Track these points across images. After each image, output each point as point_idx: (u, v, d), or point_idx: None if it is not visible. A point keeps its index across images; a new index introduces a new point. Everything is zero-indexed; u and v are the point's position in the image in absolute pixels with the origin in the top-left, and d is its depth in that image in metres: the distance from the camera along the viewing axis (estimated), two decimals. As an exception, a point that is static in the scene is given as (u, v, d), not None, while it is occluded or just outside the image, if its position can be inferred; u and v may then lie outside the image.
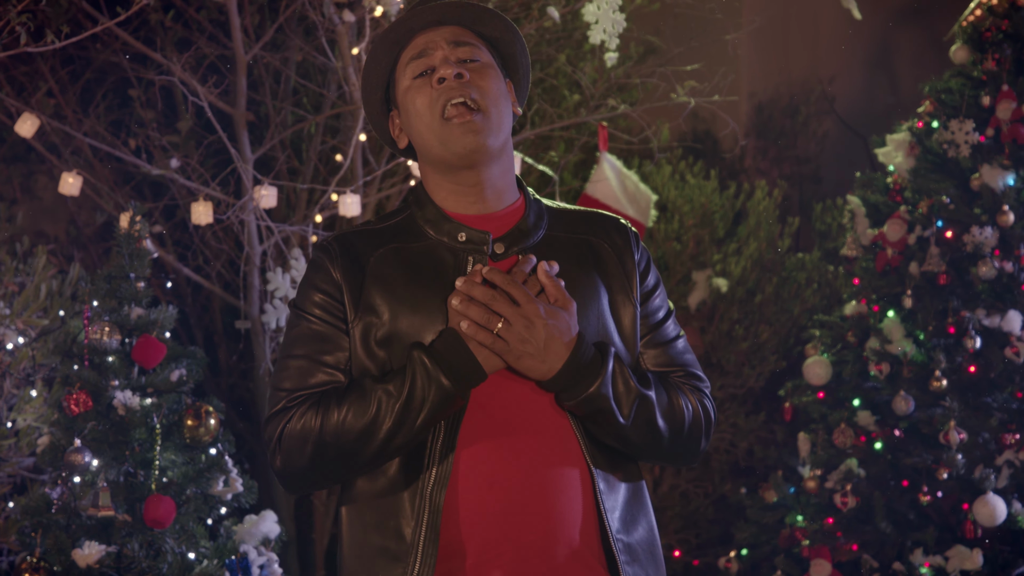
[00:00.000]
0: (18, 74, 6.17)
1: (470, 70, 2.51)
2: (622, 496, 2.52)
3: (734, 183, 7.32)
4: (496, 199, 2.56)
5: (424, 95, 2.50)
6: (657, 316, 2.64)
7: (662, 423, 2.52)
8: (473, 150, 2.48)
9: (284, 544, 4.55)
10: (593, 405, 2.44)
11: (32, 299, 4.98)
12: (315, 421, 2.42)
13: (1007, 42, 5.37)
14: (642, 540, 2.53)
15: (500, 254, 2.52)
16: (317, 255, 2.54)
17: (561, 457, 2.45)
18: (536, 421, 2.46)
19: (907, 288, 5.38)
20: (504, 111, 2.53)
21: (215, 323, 6.54)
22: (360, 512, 2.47)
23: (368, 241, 2.55)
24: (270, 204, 5.20)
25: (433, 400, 2.36)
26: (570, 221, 2.64)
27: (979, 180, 5.29)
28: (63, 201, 6.47)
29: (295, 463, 2.45)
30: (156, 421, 4.18)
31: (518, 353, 2.41)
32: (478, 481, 2.42)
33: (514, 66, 2.64)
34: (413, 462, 2.42)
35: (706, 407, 2.61)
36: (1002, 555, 5.13)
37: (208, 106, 5.39)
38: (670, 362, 2.63)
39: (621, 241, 2.63)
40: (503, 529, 2.41)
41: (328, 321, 2.49)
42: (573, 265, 2.55)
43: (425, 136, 2.52)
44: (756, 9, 7.90)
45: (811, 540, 5.36)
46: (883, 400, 5.39)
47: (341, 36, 5.44)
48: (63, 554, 4.08)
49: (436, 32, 2.55)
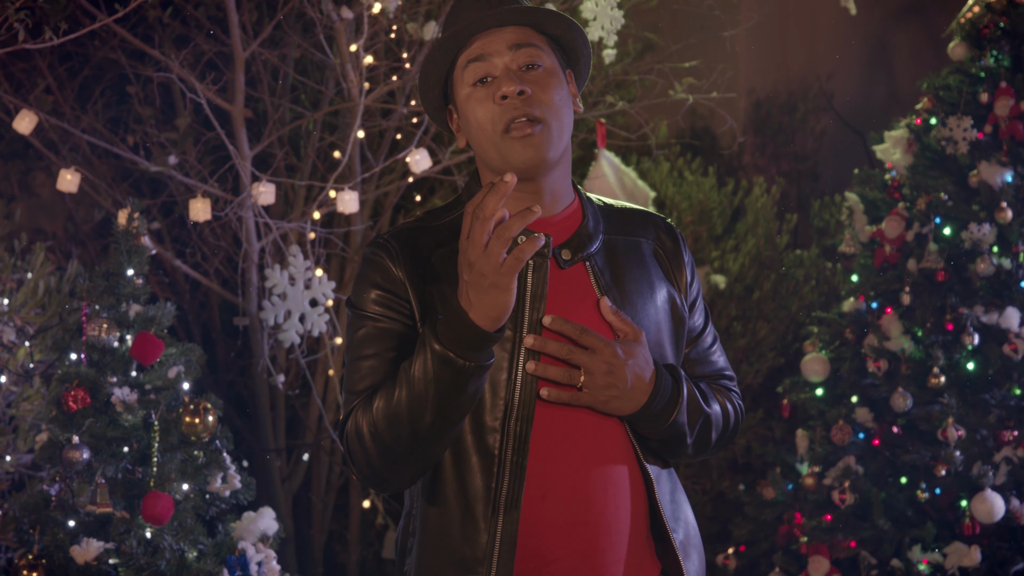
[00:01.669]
0: (16, 71, 6.17)
1: (531, 81, 2.46)
2: (667, 485, 2.54)
3: (732, 180, 7.32)
4: (554, 203, 2.52)
5: (485, 109, 2.45)
6: (699, 322, 2.66)
7: (714, 435, 2.57)
8: (533, 164, 2.44)
9: (282, 541, 4.55)
10: (670, 432, 2.47)
11: (30, 296, 4.98)
12: (361, 418, 2.38)
13: (1005, 39, 5.37)
14: (689, 525, 2.56)
15: (567, 260, 2.48)
16: (374, 252, 2.48)
17: (615, 457, 2.45)
18: (593, 428, 2.44)
19: (905, 285, 5.38)
20: (566, 119, 2.49)
21: (213, 320, 6.54)
22: (427, 518, 2.44)
23: (428, 239, 2.50)
24: (268, 201, 5.20)
25: (437, 373, 2.27)
26: (621, 221, 2.61)
27: (977, 177, 5.29)
28: (61, 198, 6.47)
29: (358, 462, 2.41)
30: (154, 418, 4.18)
31: (605, 399, 2.39)
32: (535, 494, 2.40)
33: (575, 57, 2.59)
34: (484, 469, 2.38)
35: (739, 409, 2.66)
36: (1000, 552, 5.13)
37: (206, 103, 5.38)
38: (711, 368, 2.67)
39: (671, 244, 2.63)
40: (554, 540, 2.39)
41: (393, 318, 2.44)
42: (632, 268, 2.53)
43: (485, 147, 2.48)
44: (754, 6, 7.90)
45: (809, 537, 5.36)
46: (881, 397, 5.39)
47: (339, 33, 5.44)
48: (61, 551, 4.08)
49: (496, 34, 2.49)
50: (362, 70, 5.47)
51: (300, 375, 6.11)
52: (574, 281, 2.48)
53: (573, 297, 2.46)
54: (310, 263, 5.34)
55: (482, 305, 2.24)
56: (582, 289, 2.48)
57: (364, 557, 6.54)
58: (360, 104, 5.44)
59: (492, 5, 2.50)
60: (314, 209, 5.56)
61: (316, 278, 5.31)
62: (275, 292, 5.26)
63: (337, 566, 6.50)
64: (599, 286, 2.48)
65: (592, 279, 2.49)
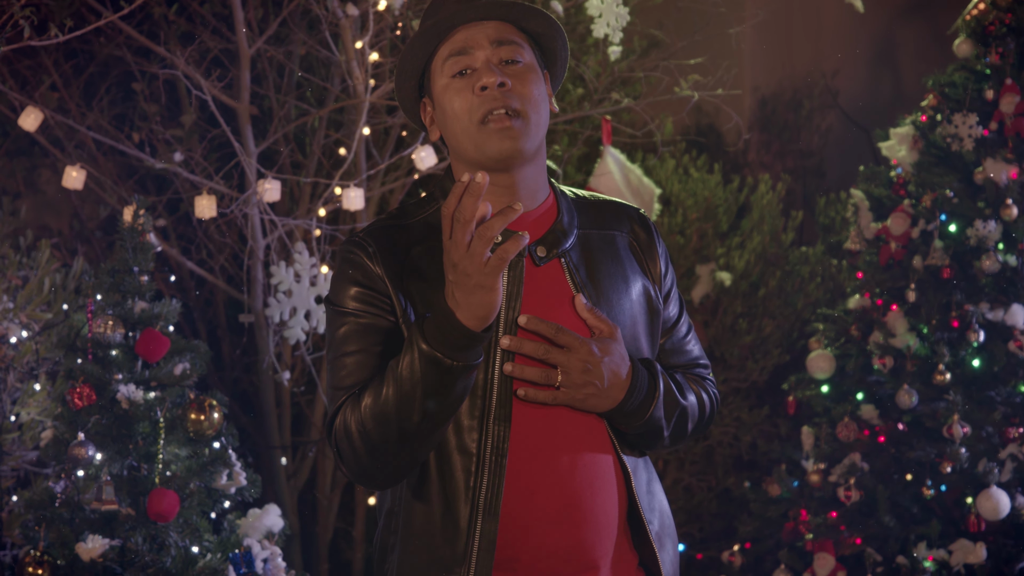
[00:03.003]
0: (22, 68, 6.17)
1: (512, 75, 2.46)
2: (643, 475, 2.54)
3: (738, 177, 7.32)
4: (529, 199, 2.52)
5: (463, 99, 2.45)
6: (673, 313, 2.67)
7: (690, 426, 2.59)
8: (509, 155, 2.44)
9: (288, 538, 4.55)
10: (647, 427, 2.48)
11: (36, 293, 4.99)
12: (350, 415, 2.37)
13: (1011, 36, 5.37)
14: (664, 515, 2.57)
15: (543, 257, 2.48)
16: (351, 251, 2.47)
17: (595, 451, 2.45)
18: (573, 425, 2.44)
19: (911, 282, 5.37)
20: (543, 114, 2.49)
21: (218, 317, 6.54)
22: (410, 517, 2.43)
23: (403, 237, 2.49)
24: (273, 198, 5.20)
25: (424, 372, 2.27)
26: (594, 214, 2.61)
27: (983, 174, 5.28)
28: (67, 195, 6.47)
29: (347, 460, 2.40)
30: (160, 415, 4.19)
31: (582, 396, 2.40)
32: (519, 490, 2.40)
33: (552, 59, 2.59)
34: (464, 468, 2.38)
35: (714, 397, 2.67)
36: (1006, 549, 5.13)
37: (212, 100, 5.39)
38: (685, 358, 2.68)
39: (645, 236, 2.63)
40: (542, 537, 2.39)
41: (374, 314, 2.43)
42: (606, 263, 2.53)
43: (460, 138, 2.47)
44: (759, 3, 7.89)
45: (815, 534, 5.36)
46: (887, 394, 5.39)
47: (345, 30, 5.44)
48: (67, 548, 4.09)
49: (478, 28, 2.49)
50: (367, 67, 5.47)
51: (305, 372, 6.11)
52: (549, 278, 2.48)
53: (549, 295, 2.46)
54: (315, 260, 5.34)
55: (468, 305, 2.23)
56: (557, 286, 2.48)
57: (369, 554, 6.54)
58: (366, 101, 5.44)
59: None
60: (320, 206, 5.56)
61: (321, 275, 5.31)
62: (280, 289, 5.26)
63: (343, 563, 6.51)
64: (574, 283, 2.48)
65: (567, 276, 2.48)
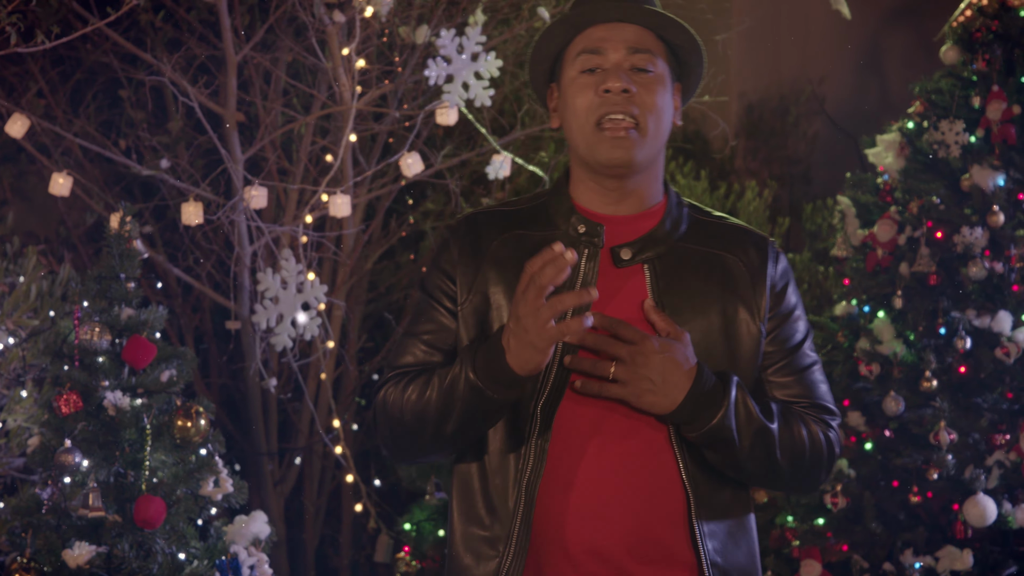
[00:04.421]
0: (8, 75, 6.16)
1: (639, 83, 2.45)
2: (721, 523, 2.45)
3: (724, 183, 7.33)
4: (637, 204, 2.52)
5: (585, 97, 2.46)
6: (791, 342, 2.55)
7: (780, 455, 2.44)
8: (618, 164, 2.45)
9: (274, 545, 4.55)
10: (716, 436, 2.38)
11: (22, 299, 4.98)
12: (392, 396, 2.45)
13: (997, 42, 5.38)
14: (742, 569, 2.47)
15: (626, 260, 2.47)
16: (444, 233, 2.55)
17: (650, 467, 2.41)
18: (627, 425, 2.40)
19: (897, 288, 5.38)
20: (663, 126, 2.48)
21: (205, 323, 6.53)
22: (465, 495, 2.48)
23: (496, 223, 2.53)
24: (260, 205, 5.20)
25: (466, 395, 2.35)
26: (711, 233, 2.55)
27: (969, 180, 5.29)
28: (53, 202, 6.46)
29: (380, 432, 2.50)
30: (146, 421, 4.18)
31: (638, 391, 2.36)
32: (558, 481, 2.40)
33: (687, 72, 2.57)
34: (514, 452, 2.41)
35: (829, 440, 2.52)
36: (992, 555, 5.13)
37: (198, 106, 5.38)
38: (800, 392, 2.54)
39: (757, 259, 2.54)
40: (574, 531, 2.38)
41: (438, 300, 2.50)
42: (696, 280, 2.48)
43: (576, 136, 2.49)
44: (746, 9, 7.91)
45: (801, 540, 5.36)
46: (873, 401, 5.39)
47: (331, 36, 5.44)
48: (53, 555, 4.07)
49: (618, 29, 2.48)
50: (354, 74, 5.47)
51: (292, 379, 6.10)
52: (628, 280, 2.47)
53: (625, 297, 2.45)
54: (302, 267, 5.33)
55: (519, 355, 2.30)
56: (634, 290, 2.46)
57: (356, 561, 6.53)
58: (352, 108, 5.44)
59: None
60: (306, 213, 5.55)
61: (308, 282, 5.31)
62: (267, 296, 5.25)
63: (329, 570, 6.50)
64: (652, 290, 2.46)
65: (648, 283, 2.46)
